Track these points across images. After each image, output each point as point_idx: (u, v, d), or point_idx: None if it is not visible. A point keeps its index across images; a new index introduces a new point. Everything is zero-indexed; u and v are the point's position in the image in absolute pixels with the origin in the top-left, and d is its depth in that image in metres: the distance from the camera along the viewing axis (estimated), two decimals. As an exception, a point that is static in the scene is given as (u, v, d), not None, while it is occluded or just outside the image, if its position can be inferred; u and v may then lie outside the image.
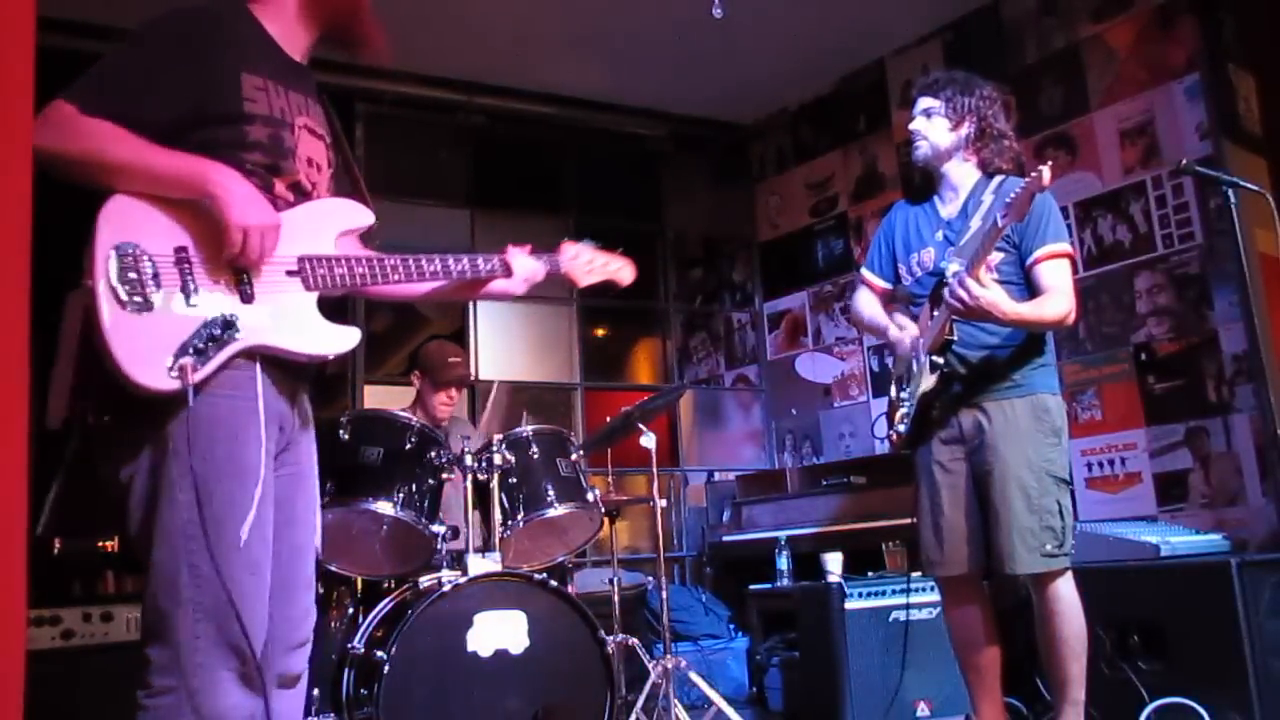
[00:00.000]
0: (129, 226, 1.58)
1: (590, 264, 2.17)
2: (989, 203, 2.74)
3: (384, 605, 3.02)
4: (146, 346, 1.54)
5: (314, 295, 1.74)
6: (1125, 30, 4.51)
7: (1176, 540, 3.41)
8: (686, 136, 6.30)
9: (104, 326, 1.52)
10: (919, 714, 3.57)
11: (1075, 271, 4.17)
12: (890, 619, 3.66)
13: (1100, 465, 4.40)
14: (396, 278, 1.88)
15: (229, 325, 1.61)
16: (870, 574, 3.90)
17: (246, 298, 1.65)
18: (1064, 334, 4.51)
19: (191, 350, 1.56)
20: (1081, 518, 4.27)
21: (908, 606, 3.62)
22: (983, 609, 2.83)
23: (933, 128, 2.84)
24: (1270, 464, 3.88)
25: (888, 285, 3.04)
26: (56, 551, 3.62)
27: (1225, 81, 4.34)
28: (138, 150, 1.60)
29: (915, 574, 3.70)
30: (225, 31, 1.75)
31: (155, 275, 1.57)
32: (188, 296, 1.59)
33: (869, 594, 3.68)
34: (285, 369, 1.74)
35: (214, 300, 1.62)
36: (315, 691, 2.99)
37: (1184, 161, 2.87)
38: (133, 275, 1.55)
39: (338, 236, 1.82)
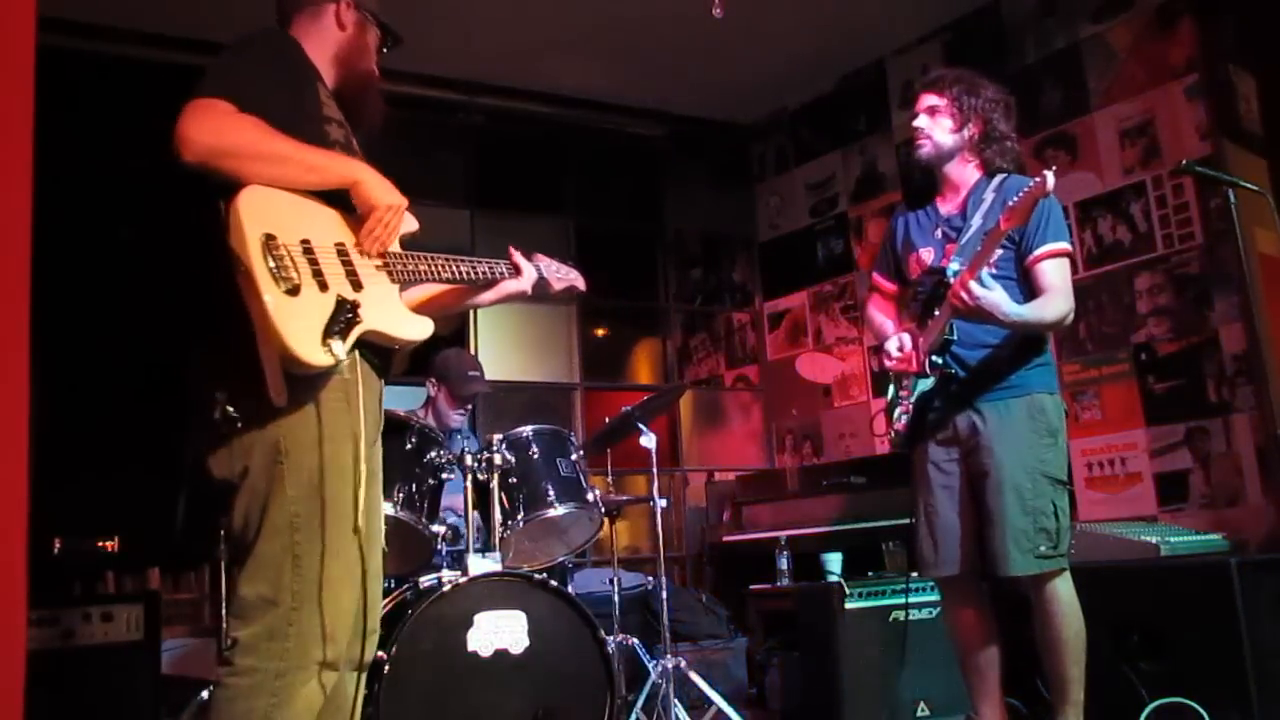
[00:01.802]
0: (266, 217, 1.70)
1: (558, 272, 2.38)
2: (990, 201, 2.74)
3: (384, 605, 3.02)
4: (303, 326, 1.65)
5: (396, 287, 1.88)
6: (1125, 30, 4.51)
7: (1176, 540, 3.41)
8: (686, 136, 6.30)
9: (269, 307, 1.62)
10: (919, 714, 3.57)
11: (1074, 271, 4.19)
12: (890, 619, 3.66)
13: (1100, 465, 4.40)
14: (447, 275, 2.03)
15: (355, 308, 1.73)
16: (870, 574, 3.90)
17: (357, 286, 1.78)
18: (1064, 334, 4.52)
19: (335, 330, 1.68)
20: (1081, 518, 4.27)
21: (907, 607, 3.62)
22: (981, 609, 2.83)
23: (937, 127, 2.83)
24: (1270, 464, 3.88)
25: (896, 287, 3.04)
26: (56, 551, 3.61)
27: (1225, 81, 4.34)
28: (293, 144, 1.76)
29: (915, 574, 3.71)
30: (302, 52, 1.97)
31: (295, 263, 1.69)
32: (319, 283, 1.71)
33: (869, 594, 3.68)
34: (377, 358, 1.87)
35: (338, 286, 1.74)
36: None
37: (1184, 161, 2.87)
38: (281, 263, 1.67)
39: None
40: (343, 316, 1.69)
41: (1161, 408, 4.25)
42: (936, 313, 2.70)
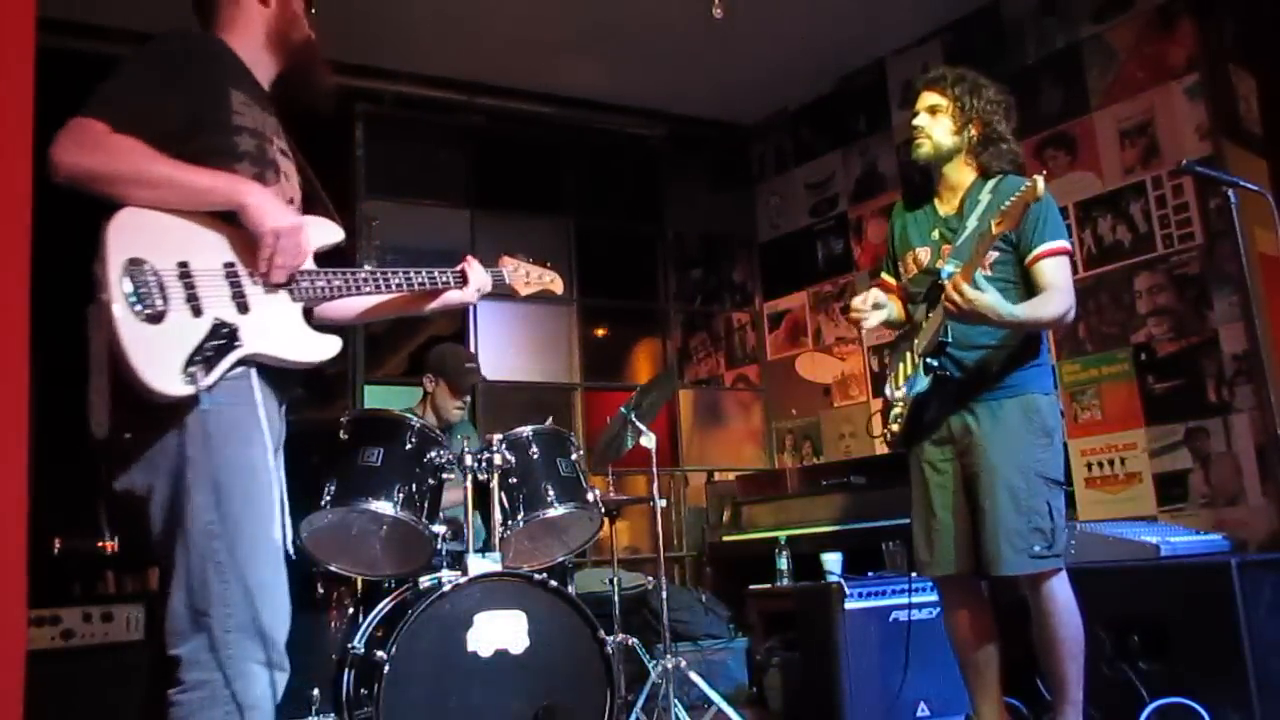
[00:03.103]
0: (136, 241, 1.66)
1: (528, 276, 2.38)
2: (985, 202, 2.74)
3: (384, 605, 3.02)
4: (161, 354, 1.61)
5: (299, 305, 1.83)
6: (1125, 30, 4.51)
7: (1176, 540, 3.41)
8: (686, 136, 6.30)
9: (121, 336, 1.59)
10: (919, 714, 3.57)
11: (1074, 271, 4.17)
12: (890, 619, 3.66)
13: (1100, 465, 4.40)
14: (368, 289, 1.98)
15: (232, 334, 1.69)
16: (870, 574, 3.90)
17: (243, 308, 1.73)
18: (1064, 333, 4.52)
19: (201, 358, 1.64)
20: (1081, 518, 4.27)
21: (910, 606, 3.62)
22: (979, 608, 2.83)
23: (937, 126, 2.82)
24: (1270, 464, 3.88)
25: (899, 285, 3.05)
26: (56, 551, 3.61)
27: (1225, 81, 4.34)
28: (173, 167, 1.70)
29: (915, 573, 3.71)
30: (214, 52, 1.89)
31: (162, 288, 1.65)
32: (193, 307, 1.67)
33: (869, 594, 3.68)
34: (274, 377, 1.81)
35: (216, 311, 1.69)
36: (315, 691, 2.99)
37: (1184, 161, 2.86)
38: (144, 289, 1.63)
39: (313, 250, 1.92)
40: (215, 342, 1.65)
41: (1161, 408, 4.25)
42: (930, 315, 2.70)
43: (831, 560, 4.05)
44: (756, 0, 4.70)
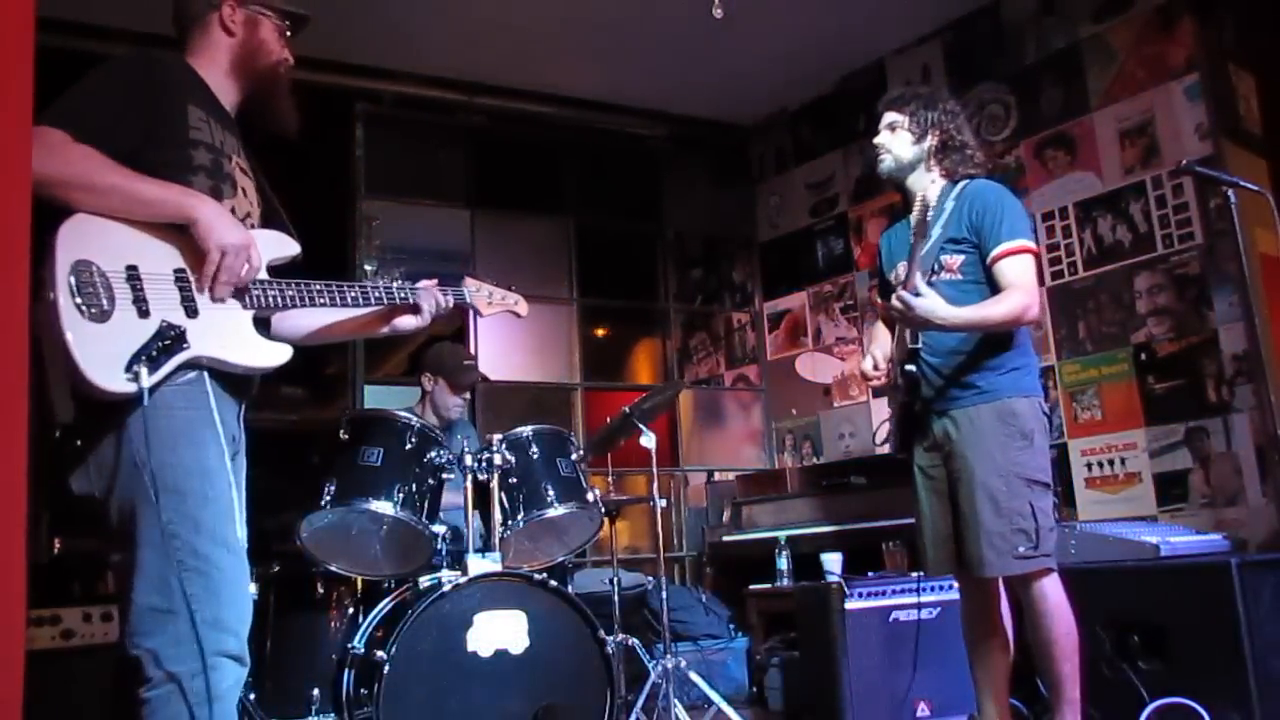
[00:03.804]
0: (85, 245, 1.70)
1: (490, 297, 2.39)
2: (949, 210, 2.80)
3: (384, 605, 3.02)
4: (104, 353, 1.66)
5: (250, 313, 1.88)
6: (1125, 30, 4.51)
7: (1176, 540, 3.41)
8: (686, 136, 6.30)
9: (65, 334, 1.62)
10: (919, 714, 3.57)
11: (1074, 271, 4.16)
12: (890, 619, 3.66)
13: (1100, 465, 4.40)
14: (323, 301, 2.01)
15: (179, 336, 1.73)
16: (870, 574, 3.90)
17: (191, 313, 1.78)
18: (1064, 333, 4.52)
19: (145, 357, 1.68)
20: (1081, 518, 4.27)
21: (919, 606, 3.61)
22: (985, 606, 2.83)
23: (896, 141, 2.88)
24: (1270, 464, 3.88)
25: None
26: (56, 551, 3.61)
27: (1225, 81, 4.34)
28: (125, 176, 1.75)
29: (915, 573, 3.71)
30: (174, 72, 1.97)
31: (109, 289, 1.70)
32: (140, 309, 1.72)
33: (869, 594, 3.68)
34: (229, 383, 1.86)
35: (163, 313, 1.74)
36: (315, 691, 3.00)
37: (1184, 161, 2.86)
38: (89, 289, 1.67)
39: (267, 263, 1.97)
40: (160, 342, 1.70)
41: (1161, 408, 4.25)
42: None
43: (831, 560, 4.05)
44: (756, 0, 4.70)
